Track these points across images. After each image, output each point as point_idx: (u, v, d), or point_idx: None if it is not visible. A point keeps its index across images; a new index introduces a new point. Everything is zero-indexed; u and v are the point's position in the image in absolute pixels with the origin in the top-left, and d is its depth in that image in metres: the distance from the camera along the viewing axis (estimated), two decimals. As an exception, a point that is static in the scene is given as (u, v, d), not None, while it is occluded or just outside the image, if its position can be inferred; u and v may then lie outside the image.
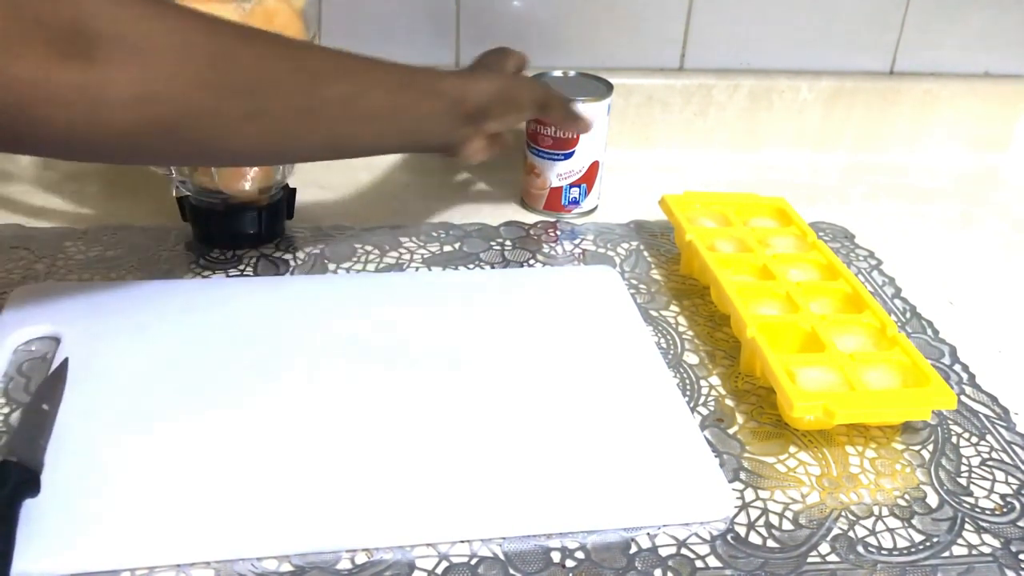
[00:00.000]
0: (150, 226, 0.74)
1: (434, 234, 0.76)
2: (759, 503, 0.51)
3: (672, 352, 0.63)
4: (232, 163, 0.64)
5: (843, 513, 0.51)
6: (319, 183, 0.81)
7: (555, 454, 0.52)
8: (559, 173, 0.76)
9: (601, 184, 0.78)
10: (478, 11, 0.85)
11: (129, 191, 0.78)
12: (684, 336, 0.65)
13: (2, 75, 0.41)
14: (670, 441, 0.54)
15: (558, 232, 0.77)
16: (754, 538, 0.49)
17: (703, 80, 0.90)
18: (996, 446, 0.57)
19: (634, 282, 0.71)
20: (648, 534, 0.49)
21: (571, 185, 0.76)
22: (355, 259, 0.71)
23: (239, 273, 0.69)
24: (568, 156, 0.75)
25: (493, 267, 0.72)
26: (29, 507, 0.46)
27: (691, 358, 0.63)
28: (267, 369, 0.57)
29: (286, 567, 0.46)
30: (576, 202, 0.78)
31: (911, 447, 0.56)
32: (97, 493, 0.48)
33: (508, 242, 0.75)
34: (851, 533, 0.50)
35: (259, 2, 0.63)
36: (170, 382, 0.55)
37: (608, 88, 0.77)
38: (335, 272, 0.69)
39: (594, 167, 0.77)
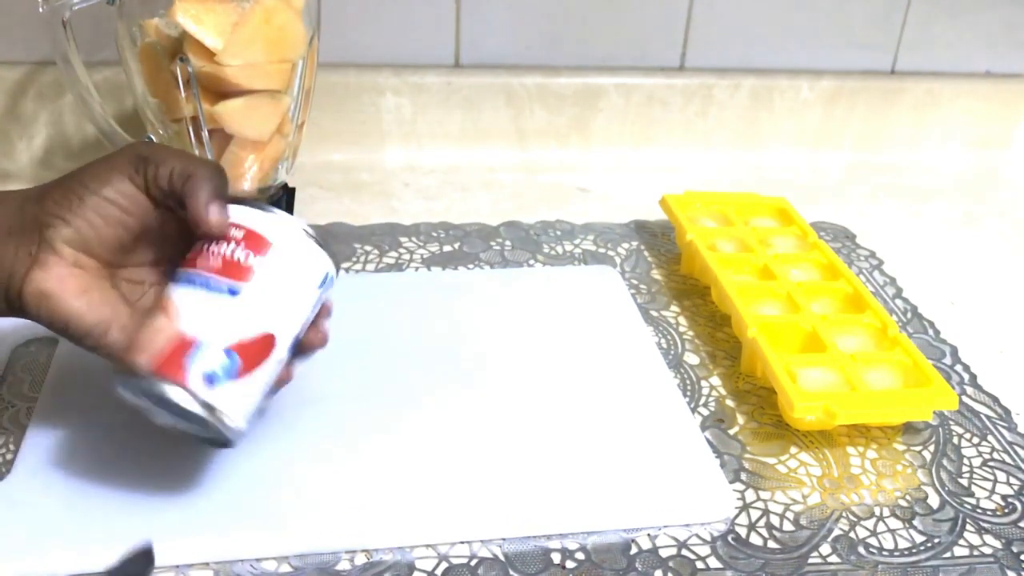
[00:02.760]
0: (150, 226, 0.74)
1: (434, 234, 0.76)
2: (760, 504, 0.51)
3: (672, 352, 0.63)
4: None
5: (844, 514, 0.51)
6: (319, 183, 0.81)
7: (555, 455, 0.52)
8: (204, 318, 0.43)
9: (263, 403, 0.46)
10: (478, 10, 0.85)
11: (129, 191, 0.78)
12: (685, 336, 0.65)
13: None
14: (670, 442, 0.53)
15: (558, 232, 0.77)
16: (755, 539, 0.49)
17: (703, 80, 0.90)
18: (997, 447, 0.56)
19: (634, 282, 0.71)
20: (648, 535, 0.48)
21: (215, 348, 0.43)
22: (354, 259, 0.71)
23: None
24: (234, 292, 0.43)
25: (493, 267, 0.72)
26: (26, 507, 0.46)
27: (691, 358, 0.63)
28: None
29: (285, 568, 0.45)
30: (211, 380, 0.42)
31: (912, 448, 0.56)
32: (95, 493, 0.47)
33: (508, 242, 0.75)
34: (852, 534, 0.50)
35: (259, 2, 0.63)
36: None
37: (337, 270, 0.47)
38: (335, 272, 0.69)
39: (266, 343, 0.44)
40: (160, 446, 0.50)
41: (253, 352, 0.43)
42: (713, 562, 0.47)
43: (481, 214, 0.79)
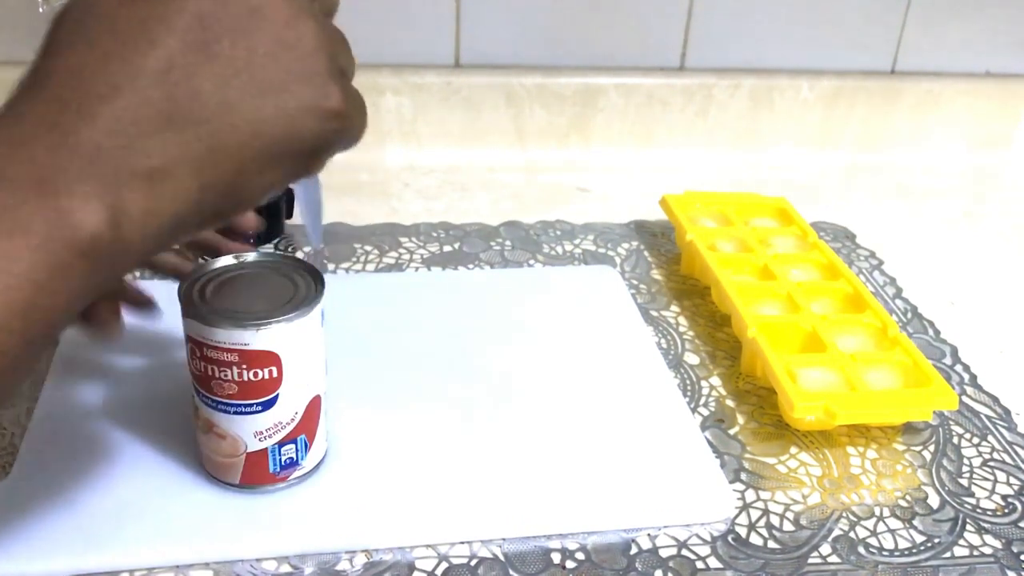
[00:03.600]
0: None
1: (434, 234, 0.76)
2: (760, 504, 0.51)
3: (672, 352, 0.63)
4: None
5: (844, 514, 0.51)
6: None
7: (555, 455, 0.52)
8: (257, 431, 0.46)
9: (328, 421, 0.49)
10: (478, 10, 0.85)
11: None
12: (685, 336, 0.65)
13: None
14: (670, 442, 0.53)
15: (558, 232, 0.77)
16: (755, 539, 0.49)
17: (704, 79, 0.90)
18: (997, 447, 0.56)
19: (634, 282, 0.71)
20: (648, 535, 0.48)
21: (280, 444, 0.47)
22: (354, 259, 0.71)
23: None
24: (269, 405, 0.45)
25: (493, 267, 0.72)
26: (26, 507, 0.46)
27: (692, 358, 0.63)
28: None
29: (285, 568, 0.45)
30: (293, 464, 0.48)
31: (912, 448, 0.56)
32: (94, 493, 0.47)
33: (508, 242, 0.75)
34: (852, 534, 0.50)
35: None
36: (170, 381, 0.55)
37: (318, 286, 0.46)
38: (335, 272, 0.69)
39: (314, 406, 0.47)
40: (160, 446, 0.50)
41: (308, 420, 0.47)
42: (713, 562, 0.47)
43: (481, 214, 0.79)
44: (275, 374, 0.44)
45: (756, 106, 0.91)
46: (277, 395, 0.45)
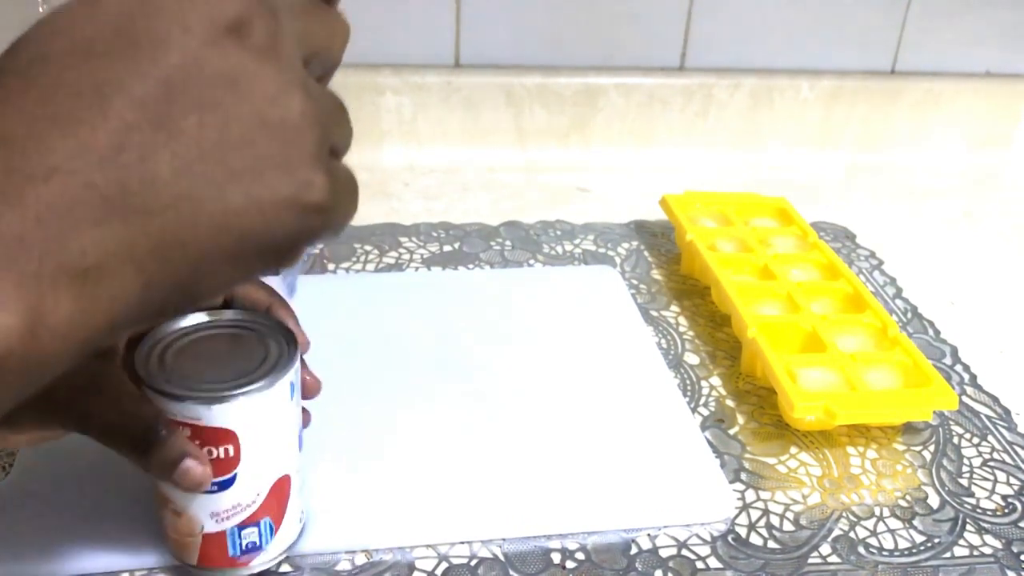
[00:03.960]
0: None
1: (434, 234, 0.76)
2: (760, 504, 0.51)
3: (672, 352, 0.63)
4: None
5: (844, 514, 0.51)
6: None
7: (555, 455, 0.52)
8: (214, 512, 0.42)
9: (303, 500, 0.45)
10: (478, 10, 0.85)
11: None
12: (685, 336, 0.65)
13: None
14: (671, 442, 0.53)
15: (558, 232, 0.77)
16: (755, 539, 0.49)
17: (704, 79, 0.90)
18: (997, 447, 0.56)
19: (634, 282, 0.71)
20: (648, 535, 0.48)
21: (240, 527, 0.42)
22: (354, 259, 0.71)
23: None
24: (226, 485, 0.41)
25: (493, 267, 0.72)
26: (26, 507, 0.46)
27: (692, 358, 0.63)
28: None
29: (285, 568, 0.45)
30: (256, 548, 0.43)
31: (912, 448, 0.56)
32: (94, 493, 0.47)
33: (508, 242, 0.75)
34: (852, 534, 0.50)
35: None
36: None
37: (290, 355, 0.42)
38: (334, 272, 0.69)
39: (280, 487, 0.43)
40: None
41: (274, 501, 0.43)
42: (713, 562, 0.47)
43: (481, 214, 0.79)
44: (231, 453, 0.40)
45: (756, 106, 0.91)
46: (235, 475, 0.41)
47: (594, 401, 0.56)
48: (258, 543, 0.43)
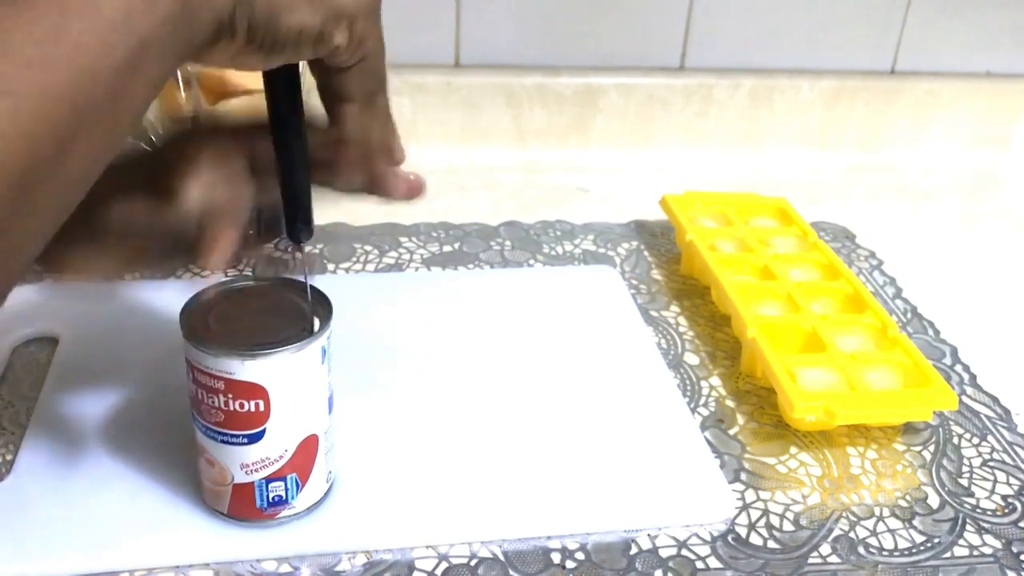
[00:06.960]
0: (149, 226, 0.74)
1: (434, 234, 0.76)
2: (760, 504, 0.51)
3: (672, 352, 0.63)
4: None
5: (844, 514, 0.51)
6: (319, 183, 0.81)
7: (555, 455, 0.52)
8: (244, 464, 0.45)
9: (329, 462, 0.47)
10: (478, 10, 0.85)
11: (128, 191, 0.78)
12: (684, 336, 0.65)
13: None
14: (670, 442, 0.53)
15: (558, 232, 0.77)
16: (755, 539, 0.49)
17: (704, 79, 0.90)
18: (997, 447, 0.56)
19: (634, 282, 0.71)
20: (648, 535, 0.48)
21: (268, 480, 0.45)
22: (354, 259, 0.71)
23: (238, 273, 0.68)
24: (255, 438, 0.44)
25: (493, 267, 0.72)
26: (26, 507, 0.46)
27: (691, 358, 0.63)
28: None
29: (285, 568, 0.45)
30: (282, 502, 0.46)
31: (912, 448, 0.56)
32: (94, 493, 0.47)
33: (508, 242, 0.75)
34: (852, 534, 0.50)
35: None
36: (170, 381, 0.55)
37: (324, 323, 0.44)
38: (334, 272, 0.69)
39: (308, 445, 0.45)
40: (160, 446, 0.50)
41: (301, 459, 0.45)
42: (713, 562, 0.47)
43: (481, 214, 0.79)
44: (261, 408, 0.42)
45: (756, 106, 0.91)
46: (264, 429, 0.43)
47: (594, 401, 0.56)
48: (284, 497, 0.46)
